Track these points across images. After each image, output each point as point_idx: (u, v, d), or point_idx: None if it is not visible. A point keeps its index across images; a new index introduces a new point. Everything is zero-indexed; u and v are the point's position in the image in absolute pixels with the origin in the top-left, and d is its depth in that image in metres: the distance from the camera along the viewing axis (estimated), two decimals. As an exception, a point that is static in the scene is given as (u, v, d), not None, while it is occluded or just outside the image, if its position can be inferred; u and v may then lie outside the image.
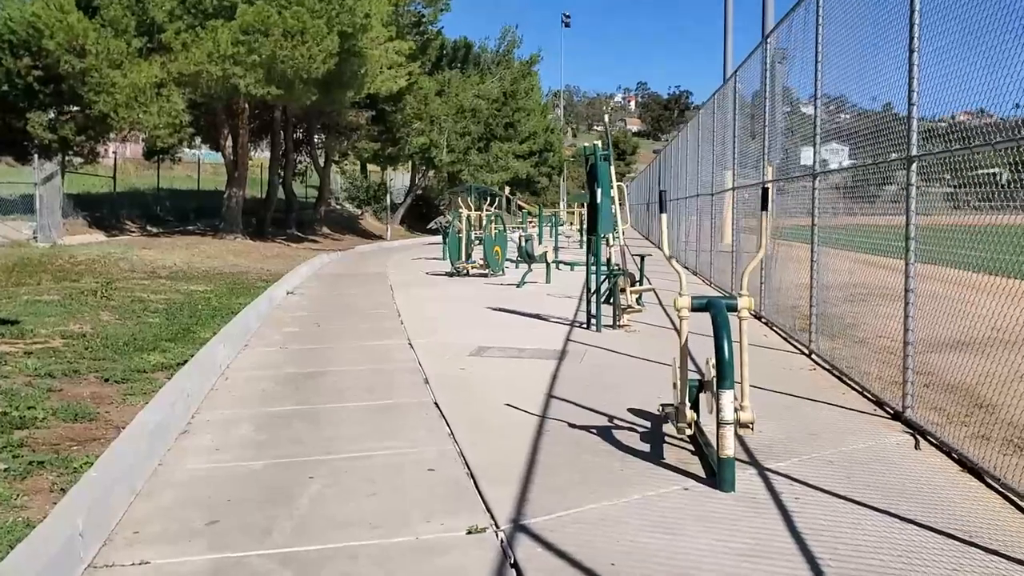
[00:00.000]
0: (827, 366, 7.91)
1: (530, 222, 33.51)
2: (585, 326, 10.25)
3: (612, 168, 9.90)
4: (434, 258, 24.18)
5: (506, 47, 49.61)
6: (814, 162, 8.47)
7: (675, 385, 5.73)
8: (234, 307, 11.87)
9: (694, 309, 4.98)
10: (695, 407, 5.34)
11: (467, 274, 18.09)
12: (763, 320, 10.94)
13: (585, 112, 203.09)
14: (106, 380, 7.07)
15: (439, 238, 30.91)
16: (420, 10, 31.75)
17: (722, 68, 34.12)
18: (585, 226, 11.34)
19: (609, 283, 10.12)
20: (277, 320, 11.29)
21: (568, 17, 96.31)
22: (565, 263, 18.47)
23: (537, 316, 11.41)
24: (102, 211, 25.92)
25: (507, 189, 41.17)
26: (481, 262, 18.25)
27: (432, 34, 35.98)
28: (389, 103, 32.16)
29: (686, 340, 5.16)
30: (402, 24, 29.74)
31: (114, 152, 29.06)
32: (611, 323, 10.17)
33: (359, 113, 30.53)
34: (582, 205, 35.48)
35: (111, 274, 16.30)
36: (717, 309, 4.75)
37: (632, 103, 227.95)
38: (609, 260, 10.27)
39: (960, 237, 5.40)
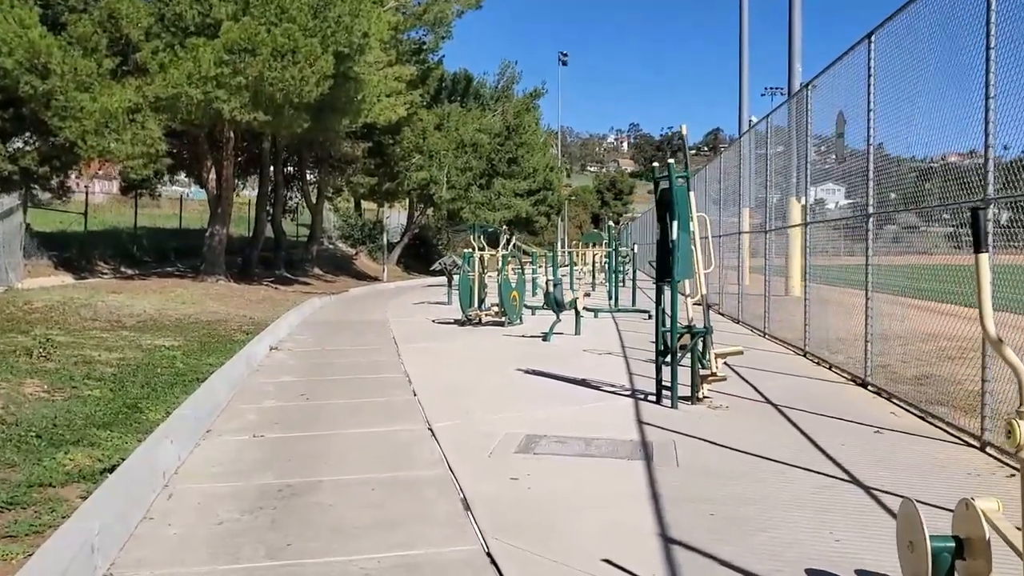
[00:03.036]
0: None
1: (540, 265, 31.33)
2: (655, 399, 7.89)
3: (692, 195, 7.58)
4: (438, 302, 21.83)
5: (505, 82, 47.69)
6: (985, 183, 6.21)
7: (910, 545, 3.38)
8: (202, 370, 9.48)
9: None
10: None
11: (479, 323, 15.74)
12: (870, 387, 8.60)
13: (579, 153, 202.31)
14: (-16, 505, 4.68)
15: (439, 279, 28.59)
16: (421, 36, 29.69)
17: (737, 111, 32.95)
18: (652, 270, 8.78)
19: (687, 344, 7.75)
20: (255, 389, 8.89)
21: (565, 55, 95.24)
22: (588, 310, 16.19)
23: (583, 382, 9.04)
24: (71, 251, 23.49)
25: (503, 228, 38.92)
26: (496, 309, 15.90)
27: (433, 64, 33.88)
28: (387, 135, 29.98)
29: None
30: (402, 51, 27.64)
31: (86, 186, 26.76)
32: (687, 395, 7.80)
33: (355, 144, 28.28)
34: (593, 245, 33.26)
35: (68, 324, 13.89)
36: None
37: (624, 144, 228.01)
38: (674, 314, 7.90)
39: None
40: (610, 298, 20.87)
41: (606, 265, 27.87)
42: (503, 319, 15.60)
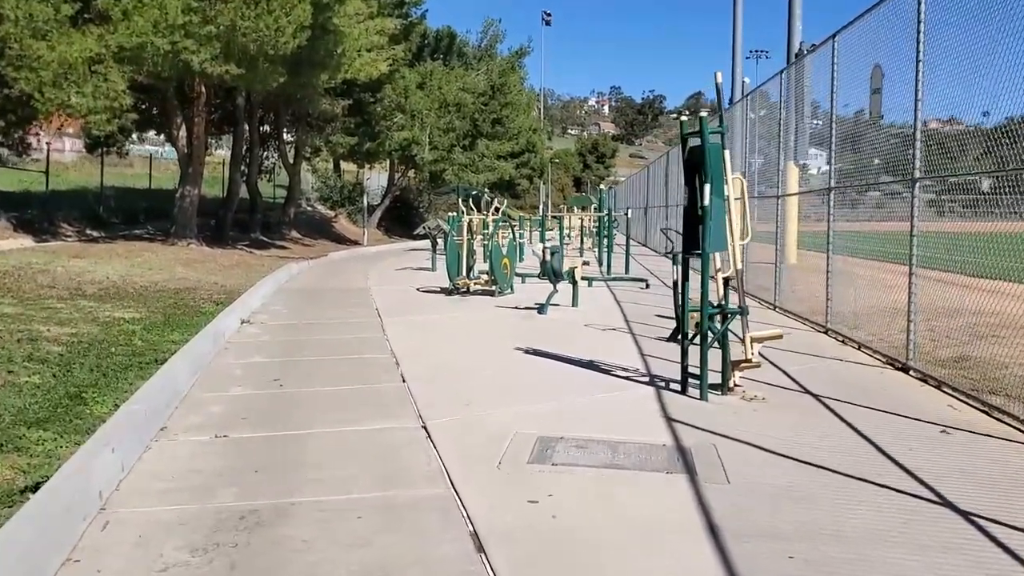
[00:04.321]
0: None
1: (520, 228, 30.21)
2: (679, 388, 6.91)
3: (728, 154, 6.54)
4: (422, 268, 20.76)
5: (489, 41, 46.22)
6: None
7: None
8: (163, 349, 8.43)
9: None
10: None
11: (468, 292, 14.71)
12: (913, 372, 7.65)
13: (559, 115, 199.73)
14: None
15: (421, 244, 27.46)
16: (403, -11, 28.30)
17: (730, 73, 32.08)
18: (678, 240, 7.54)
19: (717, 325, 6.75)
20: (222, 373, 7.83)
21: (549, 15, 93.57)
22: (584, 278, 15.20)
23: (592, 365, 8.06)
24: (32, 211, 22.17)
25: (487, 192, 37.60)
26: (485, 278, 14.86)
27: (415, 19, 32.45)
28: (368, 92, 28.62)
29: None
30: (383, 2, 26.25)
31: (47, 143, 25.34)
32: (716, 382, 6.83)
33: (334, 102, 26.92)
34: (582, 209, 32.13)
35: (22, 292, 12.73)
36: None
37: (606, 107, 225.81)
38: (704, 291, 6.88)
39: None
40: (601, 265, 19.92)
41: (594, 231, 26.86)
42: (493, 288, 14.58)
